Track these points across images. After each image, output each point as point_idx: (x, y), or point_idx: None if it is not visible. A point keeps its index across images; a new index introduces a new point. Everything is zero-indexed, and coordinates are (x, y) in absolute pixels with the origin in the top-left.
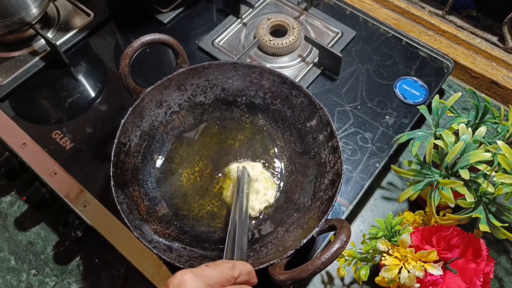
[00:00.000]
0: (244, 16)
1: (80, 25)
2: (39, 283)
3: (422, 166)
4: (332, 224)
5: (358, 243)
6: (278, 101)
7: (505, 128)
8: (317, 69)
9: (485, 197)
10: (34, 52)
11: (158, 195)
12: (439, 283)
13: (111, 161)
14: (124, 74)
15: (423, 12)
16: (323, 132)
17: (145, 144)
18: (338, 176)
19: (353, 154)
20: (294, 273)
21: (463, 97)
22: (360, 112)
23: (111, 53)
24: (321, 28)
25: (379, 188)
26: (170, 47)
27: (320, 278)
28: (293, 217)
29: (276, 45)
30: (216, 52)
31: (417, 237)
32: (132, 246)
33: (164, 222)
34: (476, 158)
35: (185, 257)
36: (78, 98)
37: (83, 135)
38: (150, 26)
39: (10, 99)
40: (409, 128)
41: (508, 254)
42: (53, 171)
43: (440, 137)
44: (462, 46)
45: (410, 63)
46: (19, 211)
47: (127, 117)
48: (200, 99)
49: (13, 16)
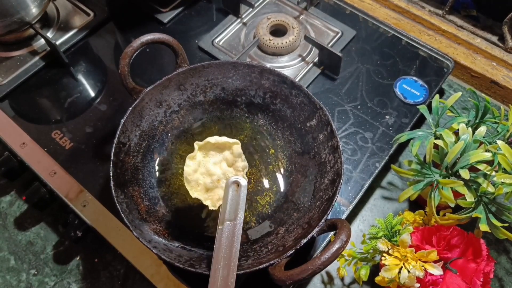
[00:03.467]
0: (244, 15)
1: (80, 24)
2: (38, 283)
3: (422, 166)
4: (332, 224)
5: (358, 243)
6: (278, 100)
7: (505, 127)
8: (317, 69)
9: (485, 197)
10: (33, 51)
11: (158, 195)
12: (439, 283)
13: (111, 160)
14: (123, 74)
15: (423, 11)
16: (323, 132)
17: (145, 143)
18: (338, 176)
19: (353, 154)
20: (294, 273)
21: (463, 97)
22: (360, 112)
23: (111, 53)
24: (321, 28)
25: (379, 188)
26: (169, 46)
27: (320, 278)
28: (293, 217)
29: (276, 44)
30: (216, 51)
31: (417, 237)
32: (132, 246)
33: (164, 222)
34: (476, 158)
35: (185, 257)
36: (77, 98)
37: (83, 135)
38: (149, 26)
39: (10, 99)
40: (409, 127)
41: (508, 254)
42: (53, 170)
43: (440, 136)
44: (462, 45)
45: (410, 62)
46: (19, 211)
47: (127, 117)
48: (200, 98)
49: (13, 15)
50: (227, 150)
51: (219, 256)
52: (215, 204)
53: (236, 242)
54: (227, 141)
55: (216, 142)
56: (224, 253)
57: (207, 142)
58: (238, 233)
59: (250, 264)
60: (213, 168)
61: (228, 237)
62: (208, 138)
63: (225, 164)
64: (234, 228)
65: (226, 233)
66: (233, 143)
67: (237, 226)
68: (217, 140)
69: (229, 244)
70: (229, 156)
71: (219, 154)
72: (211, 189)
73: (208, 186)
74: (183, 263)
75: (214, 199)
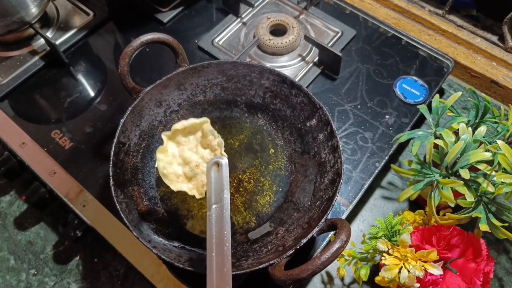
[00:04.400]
0: (243, 15)
1: (80, 24)
2: (38, 283)
3: (422, 165)
4: (332, 224)
5: (358, 243)
6: (278, 100)
7: (505, 127)
8: (317, 69)
9: (485, 197)
10: (33, 51)
11: (157, 195)
12: (439, 282)
13: (111, 160)
14: (123, 74)
15: (423, 11)
16: (323, 132)
17: (145, 143)
18: (338, 176)
19: (353, 153)
20: (294, 273)
21: (463, 97)
22: (360, 112)
23: (111, 53)
24: (321, 28)
25: (379, 188)
26: (169, 46)
27: (320, 278)
28: (293, 217)
29: (276, 44)
30: (216, 51)
31: (417, 237)
32: (131, 246)
33: (164, 222)
34: (476, 157)
35: (184, 257)
36: (77, 98)
37: (82, 135)
38: (149, 26)
39: (10, 99)
40: (409, 127)
41: (508, 254)
42: (53, 170)
43: (440, 136)
44: (462, 45)
45: (410, 62)
46: (19, 210)
47: (127, 117)
48: (200, 98)
49: (13, 15)
50: (198, 131)
51: (211, 244)
52: (202, 192)
53: (226, 225)
54: (194, 122)
55: (184, 127)
56: (215, 239)
57: (174, 130)
58: (226, 214)
59: (250, 264)
60: (189, 155)
61: (217, 221)
62: (174, 125)
63: (201, 148)
64: (222, 210)
65: (215, 218)
66: (201, 122)
67: (225, 207)
68: (183, 124)
69: (219, 229)
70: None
71: (193, 137)
72: (193, 177)
73: (188, 174)
74: (183, 263)
75: (198, 186)
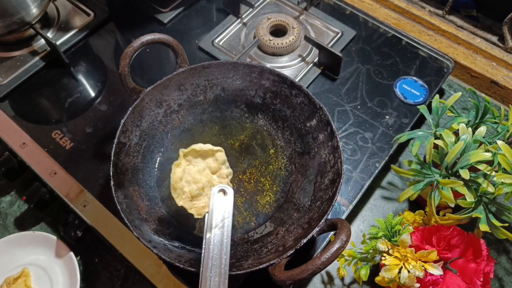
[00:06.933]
0: (244, 16)
1: (80, 25)
2: None
3: (422, 166)
4: (332, 224)
5: (358, 243)
6: (278, 101)
7: (505, 128)
8: (317, 69)
9: (485, 197)
10: (34, 52)
11: (158, 195)
12: (439, 283)
13: (111, 161)
14: (124, 74)
15: (423, 12)
16: (323, 132)
17: (145, 144)
18: (338, 176)
19: (353, 154)
20: (294, 273)
21: (463, 97)
22: (360, 112)
23: (111, 53)
24: (321, 28)
25: (379, 188)
26: (170, 47)
27: (320, 278)
28: (293, 217)
29: (276, 44)
30: (216, 52)
31: (417, 237)
32: (132, 246)
33: (164, 222)
34: (476, 158)
35: (185, 257)
36: (78, 98)
37: (83, 135)
38: (150, 26)
39: (10, 99)
40: (409, 128)
41: (508, 254)
42: (53, 171)
43: (440, 137)
44: (462, 46)
45: (410, 63)
46: (19, 211)
47: (127, 117)
48: (200, 98)
49: (13, 16)
50: (210, 157)
51: (208, 264)
52: (200, 213)
53: (225, 250)
54: (211, 149)
55: (201, 150)
56: (213, 261)
57: (192, 149)
58: (227, 240)
59: (250, 264)
60: (198, 176)
61: (217, 244)
62: (193, 145)
63: (208, 171)
64: (223, 236)
65: (214, 241)
66: (216, 150)
67: (225, 233)
68: (201, 147)
69: (218, 252)
70: (213, 164)
71: (202, 161)
72: (196, 196)
73: (194, 193)
74: (183, 263)
75: (199, 207)
